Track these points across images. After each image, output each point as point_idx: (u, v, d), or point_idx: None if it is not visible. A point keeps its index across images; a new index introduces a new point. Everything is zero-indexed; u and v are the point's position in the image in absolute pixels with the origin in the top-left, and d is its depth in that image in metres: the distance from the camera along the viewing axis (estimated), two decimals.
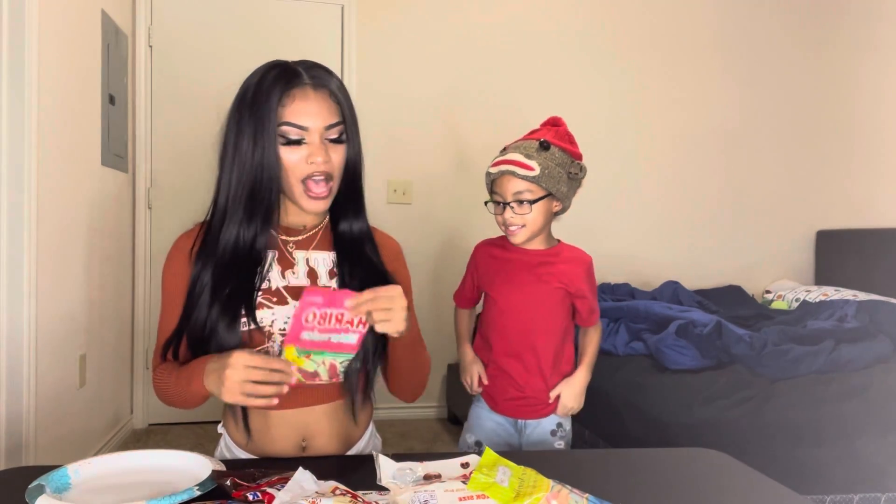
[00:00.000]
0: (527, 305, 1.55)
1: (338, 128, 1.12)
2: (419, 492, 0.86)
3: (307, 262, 1.17)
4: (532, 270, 1.55)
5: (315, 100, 1.10)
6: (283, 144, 1.09)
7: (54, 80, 2.23)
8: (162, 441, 3.05)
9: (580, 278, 1.56)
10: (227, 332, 1.08)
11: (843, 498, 2.15)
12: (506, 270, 1.59)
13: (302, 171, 1.10)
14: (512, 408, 1.59)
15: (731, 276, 3.85)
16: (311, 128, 1.09)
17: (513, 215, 1.50)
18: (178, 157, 3.24)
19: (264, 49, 3.18)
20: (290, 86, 1.09)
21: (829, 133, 3.96)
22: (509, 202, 1.49)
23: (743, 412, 2.12)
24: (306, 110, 1.09)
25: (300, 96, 1.09)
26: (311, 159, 1.09)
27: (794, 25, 3.92)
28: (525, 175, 1.46)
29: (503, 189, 1.50)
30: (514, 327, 1.56)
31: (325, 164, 1.09)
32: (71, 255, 2.42)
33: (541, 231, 1.54)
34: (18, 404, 2.04)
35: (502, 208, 1.52)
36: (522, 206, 1.49)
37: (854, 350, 2.34)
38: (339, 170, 1.13)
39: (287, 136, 1.09)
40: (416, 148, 3.49)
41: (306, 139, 1.09)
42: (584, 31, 3.69)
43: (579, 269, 1.57)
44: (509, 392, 1.58)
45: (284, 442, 1.15)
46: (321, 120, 1.09)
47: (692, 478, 1.05)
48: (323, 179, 1.11)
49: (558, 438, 1.60)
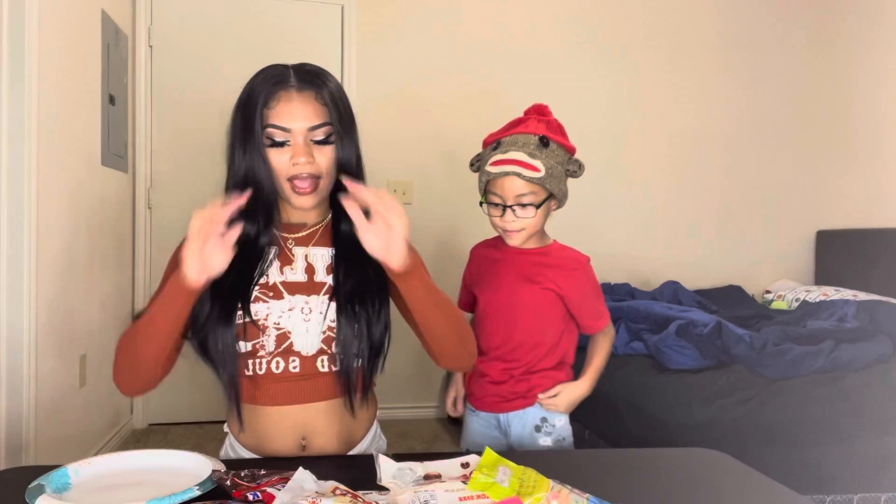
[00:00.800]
0: (510, 308, 1.46)
1: (323, 129, 1.12)
2: (419, 492, 0.86)
3: (306, 258, 1.18)
4: (520, 270, 1.46)
5: (299, 101, 1.11)
6: (269, 147, 1.11)
7: (54, 80, 2.23)
8: (162, 441, 3.05)
9: (575, 281, 1.45)
10: (223, 324, 1.09)
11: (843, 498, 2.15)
12: (492, 272, 1.50)
13: (287, 172, 1.11)
14: (491, 403, 1.50)
15: (731, 276, 3.85)
16: (293, 129, 1.10)
17: (514, 219, 1.39)
18: (178, 157, 3.24)
19: (264, 49, 3.20)
20: (276, 89, 1.11)
21: (830, 133, 3.96)
22: (511, 205, 1.38)
23: (743, 412, 2.12)
24: (289, 112, 1.10)
25: (284, 98, 1.11)
26: (294, 160, 1.10)
27: (794, 25, 3.92)
28: (530, 177, 1.35)
29: (503, 190, 1.38)
30: (495, 330, 1.48)
31: (308, 164, 1.10)
32: (71, 255, 2.42)
33: (537, 231, 1.47)
34: (18, 404, 2.04)
35: (501, 211, 1.40)
36: (525, 209, 1.37)
37: (854, 350, 2.34)
38: (328, 170, 1.13)
39: (272, 137, 1.11)
40: (416, 148, 3.49)
41: (290, 141, 1.11)
42: (584, 32, 3.69)
43: (574, 271, 1.46)
44: (488, 389, 1.51)
45: (283, 439, 1.15)
46: (305, 121, 1.10)
47: (692, 478, 1.05)
48: (308, 177, 1.11)
49: (543, 434, 1.48)
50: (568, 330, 1.50)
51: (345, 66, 3.40)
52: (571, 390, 1.48)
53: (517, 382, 1.48)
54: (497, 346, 1.49)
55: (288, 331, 1.13)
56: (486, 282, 1.50)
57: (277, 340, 1.13)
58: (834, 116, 3.96)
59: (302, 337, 1.13)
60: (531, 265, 1.46)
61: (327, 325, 1.13)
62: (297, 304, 1.14)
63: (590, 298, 1.48)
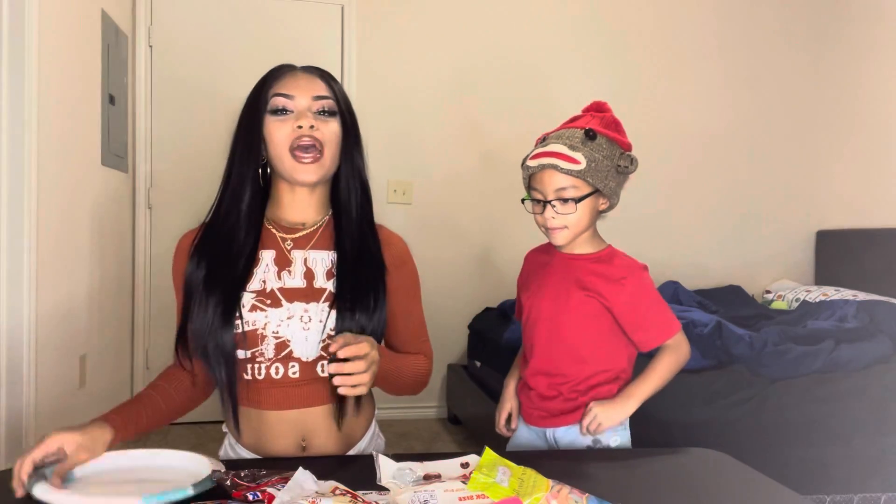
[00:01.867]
0: (552, 316, 1.35)
1: (327, 101, 1.14)
2: (419, 492, 0.86)
3: (304, 262, 1.16)
4: (567, 276, 1.35)
5: (304, 77, 1.15)
6: (272, 115, 1.12)
7: (54, 80, 2.22)
8: (162, 441, 3.05)
9: (621, 289, 1.32)
10: (222, 333, 1.09)
11: (843, 498, 2.15)
12: (539, 276, 1.40)
13: (288, 141, 1.11)
14: (537, 417, 1.39)
15: (731, 276, 3.85)
16: (297, 96, 1.12)
17: (554, 215, 1.30)
18: (178, 157, 3.24)
19: (264, 49, 3.20)
20: (283, 72, 1.16)
21: (829, 133, 3.96)
22: (550, 200, 1.29)
23: (743, 412, 2.12)
24: (294, 83, 1.14)
25: (290, 75, 1.15)
26: (296, 124, 1.11)
27: (794, 25, 3.92)
28: (569, 169, 1.27)
29: (543, 185, 1.30)
30: (537, 339, 1.37)
31: (311, 129, 1.11)
32: (71, 256, 2.42)
33: (585, 231, 1.35)
34: (18, 404, 2.04)
35: (542, 207, 1.31)
36: (566, 204, 1.29)
37: (854, 350, 2.34)
38: (332, 144, 1.14)
39: (275, 106, 1.12)
40: (416, 148, 3.49)
41: (293, 109, 1.12)
42: (584, 32, 3.69)
43: (623, 280, 1.32)
44: (535, 402, 1.40)
45: (284, 441, 1.14)
46: (309, 91, 1.13)
47: (692, 478, 1.05)
48: (311, 143, 1.11)
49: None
50: (625, 345, 1.37)
51: (345, 66, 3.40)
52: (609, 414, 1.31)
53: (565, 401, 1.36)
54: (539, 356, 1.38)
55: (287, 339, 1.12)
56: (533, 287, 1.41)
57: (277, 348, 1.12)
58: (834, 116, 3.96)
59: (301, 345, 1.13)
60: (581, 271, 1.35)
61: (327, 334, 1.13)
62: (295, 312, 1.12)
63: (641, 310, 1.34)
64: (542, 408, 1.38)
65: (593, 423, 1.30)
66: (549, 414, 1.37)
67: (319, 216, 1.21)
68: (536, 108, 3.51)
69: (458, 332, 3.39)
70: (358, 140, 1.19)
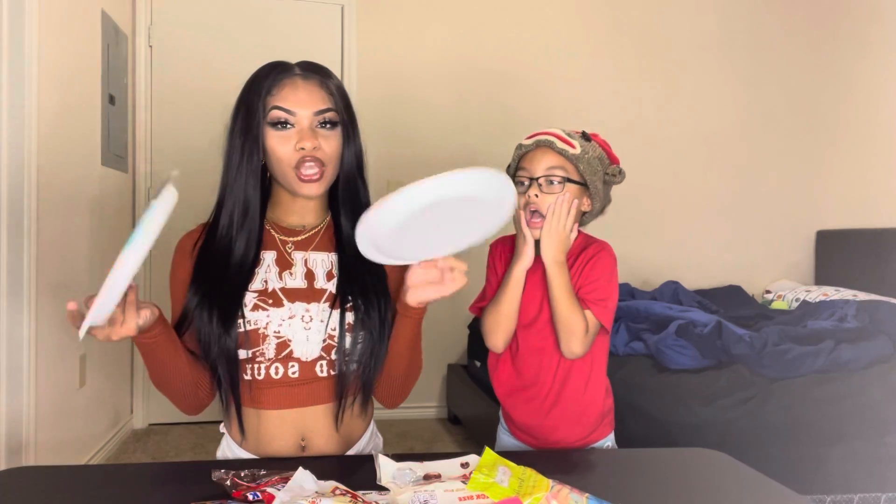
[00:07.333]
0: (534, 316, 1.31)
1: (329, 114, 1.12)
2: (419, 492, 0.86)
3: (305, 264, 1.17)
4: (539, 271, 1.29)
5: (304, 88, 1.11)
6: (272, 127, 1.10)
7: (54, 80, 2.23)
8: (162, 441, 3.05)
9: (589, 268, 1.30)
10: (225, 333, 1.09)
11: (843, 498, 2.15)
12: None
13: (292, 160, 1.10)
14: (522, 438, 1.36)
15: (731, 276, 3.85)
16: (298, 112, 1.10)
17: (538, 193, 1.24)
18: (178, 158, 3.24)
19: (264, 49, 3.20)
20: (281, 77, 1.12)
21: (830, 133, 3.96)
22: (538, 177, 1.25)
23: (743, 412, 2.12)
24: (294, 97, 1.10)
25: (290, 85, 1.11)
26: (299, 145, 1.09)
27: (794, 25, 3.92)
28: (564, 149, 1.25)
29: (533, 164, 1.26)
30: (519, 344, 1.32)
31: (314, 150, 1.09)
32: (71, 255, 2.42)
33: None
34: (18, 404, 2.04)
35: (526, 188, 1.26)
36: (553, 185, 1.25)
37: (854, 350, 2.34)
38: (334, 158, 1.13)
39: (275, 118, 1.10)
40: (416, 148, 3.49)
41: (294, 124, 1.10)
42: (585, 33, 3.69)
43: (594, 259, 1.31)
44: (518, 435, 1.36)
45: (283, 441, 1.14)
46: (310, 106, 1.10)
47: (692, 478, 1.05)
48: (314, 163, 1.10)
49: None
50: (598, 356, 1.35)
51: (345, 66, 3.40)
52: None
53: (542, 428, 1.31)
54: (522, 372, 1.32)
55: (288, 339, 1.12)
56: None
57: (277, 348, 1.12)
58: (834, 116, 3.96)
59: (302, 345, 1.12)
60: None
61: (328, 334, 1.13)
62: (297, 311, 1.13)
63: (603, 283, 1.31)
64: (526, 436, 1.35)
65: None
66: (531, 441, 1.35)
67: (319, 219, 1.21)
68: (536, 107, 3.51)
69: (458, 332, 3.39)
70: (357, 140, 1.19)
